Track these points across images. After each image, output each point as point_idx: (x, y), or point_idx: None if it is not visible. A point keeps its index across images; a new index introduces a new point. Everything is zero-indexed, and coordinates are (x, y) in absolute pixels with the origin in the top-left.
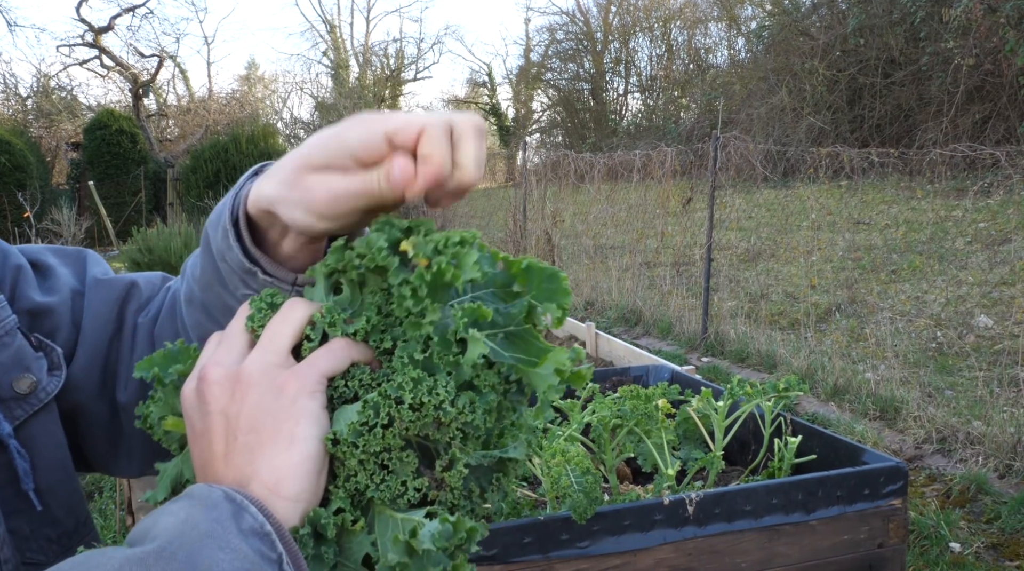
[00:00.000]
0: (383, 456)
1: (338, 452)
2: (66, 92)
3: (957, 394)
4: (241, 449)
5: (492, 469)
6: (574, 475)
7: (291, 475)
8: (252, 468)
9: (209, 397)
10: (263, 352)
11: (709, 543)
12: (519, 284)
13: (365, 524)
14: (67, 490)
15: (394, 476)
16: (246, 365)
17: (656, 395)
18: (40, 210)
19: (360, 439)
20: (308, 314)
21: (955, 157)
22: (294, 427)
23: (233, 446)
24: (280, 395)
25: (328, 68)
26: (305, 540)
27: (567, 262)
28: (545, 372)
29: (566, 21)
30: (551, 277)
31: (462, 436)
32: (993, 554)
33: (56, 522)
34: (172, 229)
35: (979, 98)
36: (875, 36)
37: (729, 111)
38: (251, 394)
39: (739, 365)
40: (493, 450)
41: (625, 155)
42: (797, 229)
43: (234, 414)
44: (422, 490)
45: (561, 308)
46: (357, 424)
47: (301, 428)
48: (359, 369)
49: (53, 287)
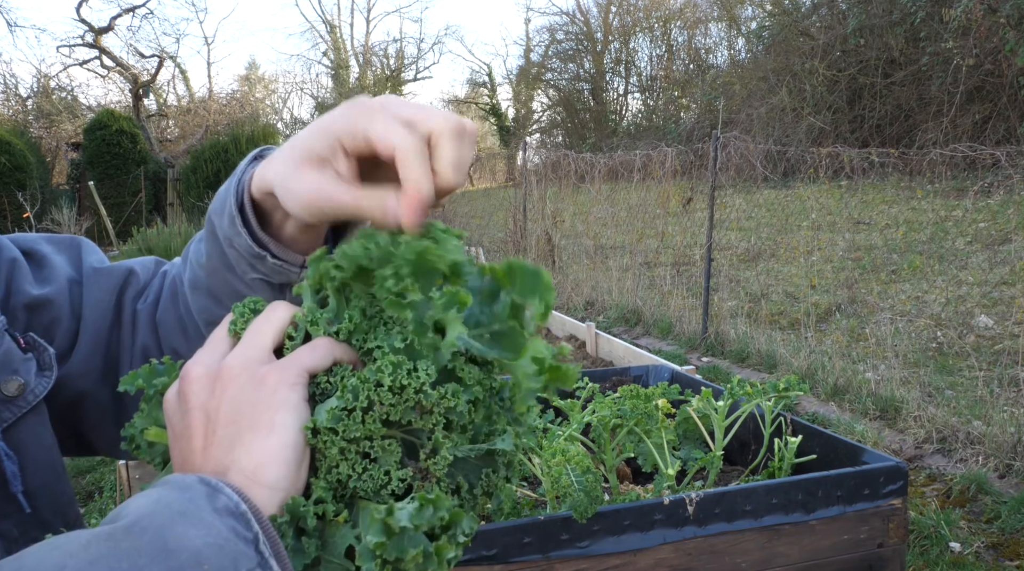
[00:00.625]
0: (364, 444)
1: (318, 442)
2: (66, 92)
3: (957, 394)
4: (220, 441)
5: (479, 463)
6: (574, 475)
7: (270, 462)
8: (231, 457)
9: (189, 394)
10: (244, 348)
11: (709, 543)
12: (504, 285)
13: (349, 518)
14: (56, 492)
15: (377, 466)
16: (227, 361)
17: (656, 395)
18: (40, 210)
19: (339, 424)
20: (290, 315)
21: (955, 157)
22: (274, 416)
23: (212, 440)
24: (260, 386)
25: (328, 68)
26: (284, 529)
27: (567, 262)
28: (524, 362)
29: (566, 21)
30: (534, 274)
31: (445, 423)
32: (993, 554)
33: (45, 524)
34: (172, 229)
35: (979, 98)
36: (875, 36)
37: (729, 111)
38: (231, 387)
39: (739, 365)
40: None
41: (625, 155)
42: (797, 229)
43: (214, 408)
44: (406, 480)
45: (544, 302)
46: (336, 409)
47: (281, 416)
48: (341, 368)
49: (49, 277)
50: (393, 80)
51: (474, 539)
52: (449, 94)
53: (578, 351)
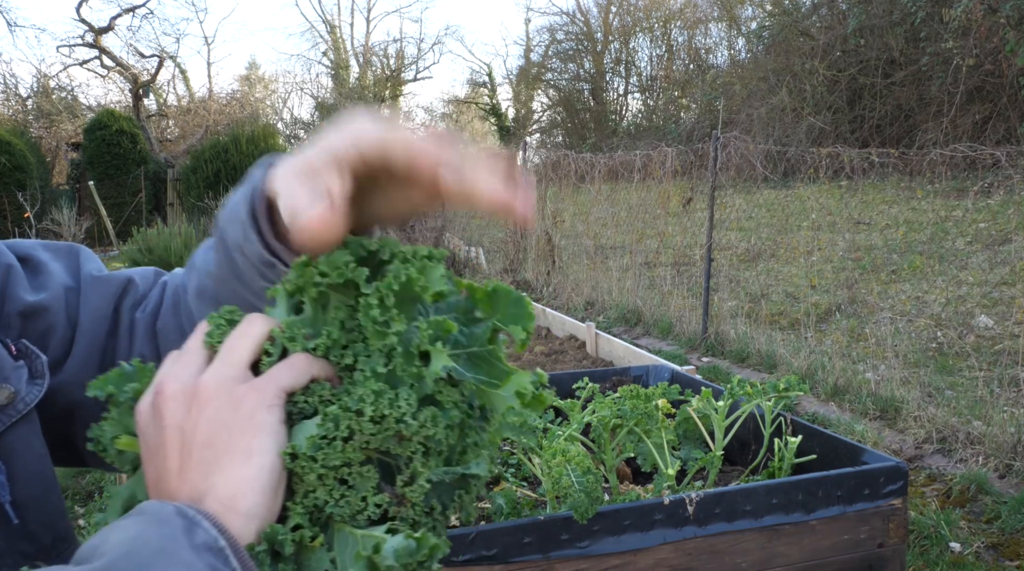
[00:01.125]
0: (343, 471)
1: (296, 467)
2: (66, 92)
3: (957, 394)
4: (196, 464)
5: (453, 486)
6: (575, 475)
7: (247, 489)
8: (207, 483)
9: (165, 412)
10: (221, 365)
11: (709, 543)
12: (483, 309)
13: (324, 541)
14: (46, 504)
15: (354, 491)
16: (203, 379)
17: (656, 395)
18: (40, 210)
19: (319, 452)
20: (267, 329)
21: (955, 157)
22: (251, 441)
23: (188, 462)
24: (237, 409)
25: (328, 68)
26: (262, 558)
27: (567, 262)
28: (506, 394)
29: (566, 21)
30: (516, 301)
31: (424, 451)
32: (993, 554)
33: (33, 537)
34: (172, 229)
35: (979, 98)
36: (875, 36)
37: (729, 111)
38: (208, 408)
39: (739, 365)
40: (455, 467)
41: (625, 155)
42: (797, 229)
43: (190, 429)
44: (383, 506)
45: (526, 330)
46: (316, 437)
47: (258, 442)
48: (319, 385)
49: (45, 284)
50: (393, 80)
51: (474, 539)
52: (449, 94)
53: (578, 351)
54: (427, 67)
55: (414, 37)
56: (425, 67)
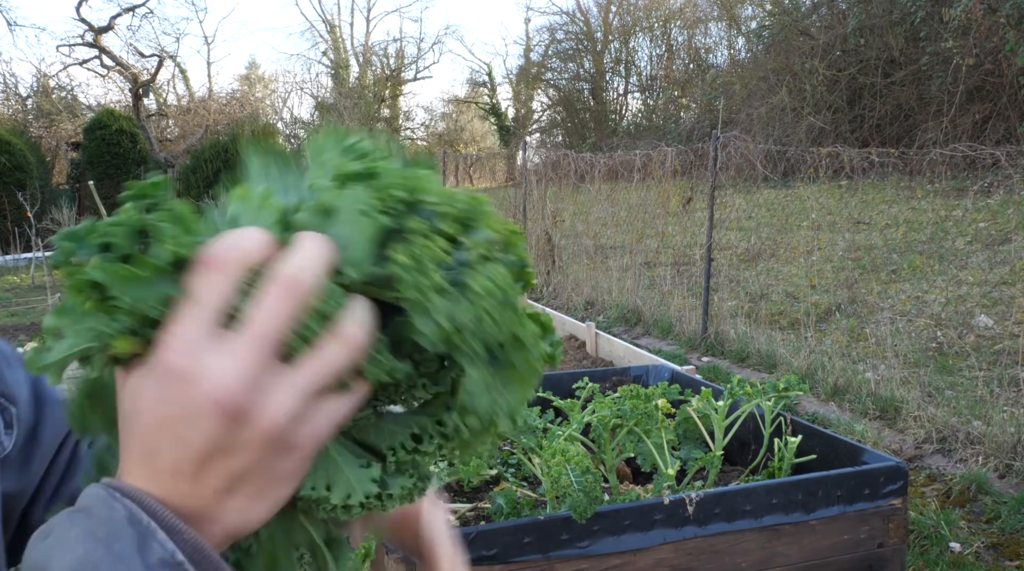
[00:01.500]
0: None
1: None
2: (66, 92)
3: (957, 394)
4: (214, 481)
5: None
6: (574, 475)
7: (255, 524)
8: (223, 508)
9: (266, 424)
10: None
11: (709, 543)
12: None
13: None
14: None
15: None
16: (269, 402)
17: (656, 395)
18: (40, 210)
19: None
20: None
21: (955, 157)
22: (281, 489)
23: (206, 473)
24: (288, 454)
25: (328, 68)
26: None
27: (567, 262)
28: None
29: (566, 21)
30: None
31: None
32: (993, 554)
33: None
34: None
35: (979, 98)
36: (875, 36)
37: (729, 111)
38: (259, 449)
39: (739, 365)
40: None
41: (625, 155)
42: (797, 229)
43: (228, 448)
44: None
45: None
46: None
47: (287, 489)
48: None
49: (14, 380)
50: (393, 80)
51: (474, 539)
52: (449, 94)
53: (578, 351)
54: (427, 67)
55: (414, 37)
56: (425, 67)
